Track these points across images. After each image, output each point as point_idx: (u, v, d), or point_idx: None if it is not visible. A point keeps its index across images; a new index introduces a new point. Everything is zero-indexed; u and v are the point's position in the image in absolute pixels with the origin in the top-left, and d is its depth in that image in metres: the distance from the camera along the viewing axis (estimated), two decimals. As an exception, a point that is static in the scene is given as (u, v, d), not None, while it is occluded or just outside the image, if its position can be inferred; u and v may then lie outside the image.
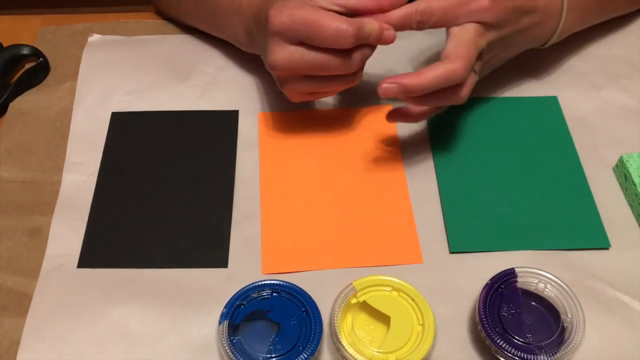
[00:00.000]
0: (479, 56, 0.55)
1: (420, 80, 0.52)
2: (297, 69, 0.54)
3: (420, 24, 0.54)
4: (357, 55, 0.54)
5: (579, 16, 0.63)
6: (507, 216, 0.57)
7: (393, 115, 0.60)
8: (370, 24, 0.53)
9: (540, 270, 0.51)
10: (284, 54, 0.54)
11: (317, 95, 0.60)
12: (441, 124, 0.64)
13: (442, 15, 0.54)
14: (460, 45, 0.53)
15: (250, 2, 0.60)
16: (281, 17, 0.53)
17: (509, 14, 0.55)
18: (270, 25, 0.53)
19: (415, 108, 0.58)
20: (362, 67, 0.57)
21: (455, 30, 0.54)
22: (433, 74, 0.52)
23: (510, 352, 0.47)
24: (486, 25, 0.54)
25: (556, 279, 0.50)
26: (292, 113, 0.65)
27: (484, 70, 0.59)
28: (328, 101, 0.66)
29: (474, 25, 0.53)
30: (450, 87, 0.53)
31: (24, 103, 0.66)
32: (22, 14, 0.75)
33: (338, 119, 0.64)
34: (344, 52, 0.54)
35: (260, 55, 0.61)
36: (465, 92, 0.55)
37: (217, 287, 0.53)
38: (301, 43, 0.53)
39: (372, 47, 0.55)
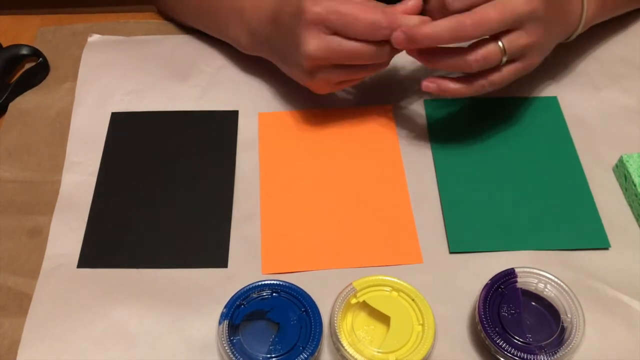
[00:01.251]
0: (513, 29, 0.52)
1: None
2: (332, 58, 0.55)
3: None
4: (389, 46, 0.54)
5: (600, 1, 0.62)
6: (507, 216, 0.57)
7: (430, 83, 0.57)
8: (408, 19, 0.53)
9: (540, 270, 0.51)
10: (320, 43, 0.54)
11: (344, 84, 0.60)
12: (441, 124, 0.64)
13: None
14: None
15: (257, 6, 0.60)
16: (316, 8, 0.53)
17: None
18: (305, 14, 0.54)
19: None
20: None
21: None
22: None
23: (510, 352, 0.47)
24: None
25: (556, 279, 0.50)
26: (292, 113, 0.65)
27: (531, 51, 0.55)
28: (328, 101, 0.66)
29: None
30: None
31: (24, 103, 0.66)
32: (22, 14, 0.75)
33: (338, 119, 0.64)
34: (378, 42, 0.54)
35: (271, 56, 0.62)
36: (474, 56, 0.52)
37: (217, 287, 0.53)
38: (336, 33, 0.54)
39: None
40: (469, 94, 0.56)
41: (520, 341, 0.47)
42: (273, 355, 0.47)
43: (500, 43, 0.53)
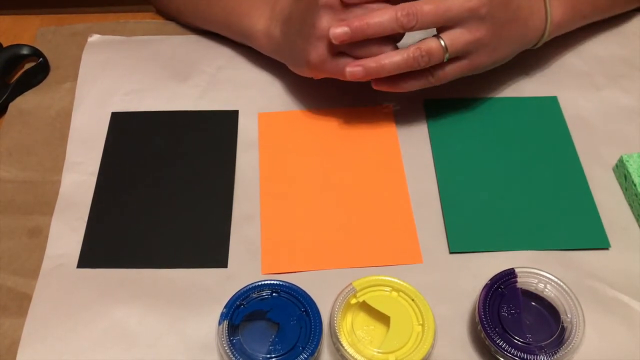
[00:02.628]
0: (453, 26, 0.55)
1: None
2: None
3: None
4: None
5: (569, 6, 0.62)
6: (507, 216, 0.57)
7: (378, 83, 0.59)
8: None
9: (540, 270, 0.51)
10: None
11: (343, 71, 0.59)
12: (441, 124, 0.64)
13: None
14: None
15: None
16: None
17: None
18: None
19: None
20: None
21: None
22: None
23: (510, 353, 0.47)
24: None
25: (556, 279, 0.50)
26: (292, 113, 0.65)
27: (479, 57, 0.57)
28: (328, 101, 0.66)
29: None
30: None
31: (24, 103, 0.66)
32: (22, 14, 0.75)
33: (338, 119, 0.64)
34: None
35: (282, 43, 0.62)
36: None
37: (217, 287, 0.53)
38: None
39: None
40: (416, 87, 0.58)
41: (520, 341, 0.47)
42: (273, 356, 0.47)
43: (441, 40, 0.55)
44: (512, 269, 0.51)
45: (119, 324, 0.51)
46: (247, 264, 0.55)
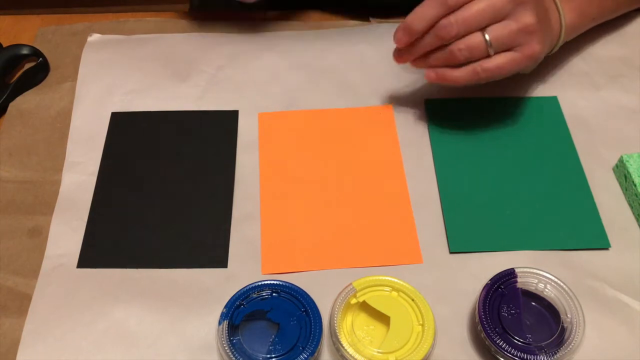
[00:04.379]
0: (501, 19, 0.54)
1: None
2: None
3: None
4: None
5: (578, 9, 0.62)
6: (507, 216, 0.57)
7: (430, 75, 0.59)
8: None
9: (540, 271, 0.51)
10: None
11: None
12: (441, 124, 0.64)
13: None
14: None
15: None
16: None
17: None
18: None
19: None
20: None
21: None
22: None
23: (510, 353, 0.47)
24: None
25: (556, 279, 0.50)
26: (292, 113, 0.65)
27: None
28: (328, 101, 0.66)
29: None
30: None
31: (24, 103, 0.66)
32: (22, 14, 0.75)
33: (338, 119, 0.64)
34: None
35: None
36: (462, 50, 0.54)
37: (217, 287, 0.53)
38: None
39: None
40: (466, 80, 0.57)
41: (520, 341, 0.47)
42: (273, 356, 0.47)
43: (486, 35, 0.54)
44: (512, 269, 0.51)
45: (119, 324, 0.51)
46: (247, 264, 0.55)
